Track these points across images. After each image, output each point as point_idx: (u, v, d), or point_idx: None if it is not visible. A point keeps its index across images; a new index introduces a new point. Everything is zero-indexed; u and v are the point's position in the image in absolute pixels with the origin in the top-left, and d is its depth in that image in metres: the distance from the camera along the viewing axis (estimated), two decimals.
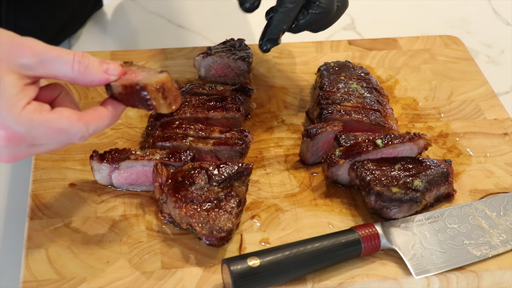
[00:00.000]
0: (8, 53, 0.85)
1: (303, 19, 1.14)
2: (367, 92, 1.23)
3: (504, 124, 1.24)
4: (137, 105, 0.93)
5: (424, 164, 1.09)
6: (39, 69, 0.86)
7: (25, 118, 0.85)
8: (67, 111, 0.88)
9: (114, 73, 0.92)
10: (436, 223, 1.04)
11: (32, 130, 0.86)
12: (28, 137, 0.86)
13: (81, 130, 0.88)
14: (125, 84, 0.92)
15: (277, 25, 1.14)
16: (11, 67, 0.85)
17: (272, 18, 1.14)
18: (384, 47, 1.42)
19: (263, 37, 1.15)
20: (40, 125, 0.86)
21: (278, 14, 1.13)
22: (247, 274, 0.93)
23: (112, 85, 0.93)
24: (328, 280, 0.98)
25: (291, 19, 1.14)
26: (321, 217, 1.07)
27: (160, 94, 0.91)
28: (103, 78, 0.91)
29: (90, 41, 1.53)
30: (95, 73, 0.90)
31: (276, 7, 1.13)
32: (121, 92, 0.92)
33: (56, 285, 0.96)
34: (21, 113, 0.85)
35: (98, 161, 1.07)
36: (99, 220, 1.04)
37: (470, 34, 1.61)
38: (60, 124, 0.87)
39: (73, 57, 0.88)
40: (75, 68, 0.88)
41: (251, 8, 1.14)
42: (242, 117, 1.17)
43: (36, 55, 0.86)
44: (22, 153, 0.89)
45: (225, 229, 0.98)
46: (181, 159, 1.06)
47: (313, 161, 1.15)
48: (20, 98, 0.85)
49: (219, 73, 1.28)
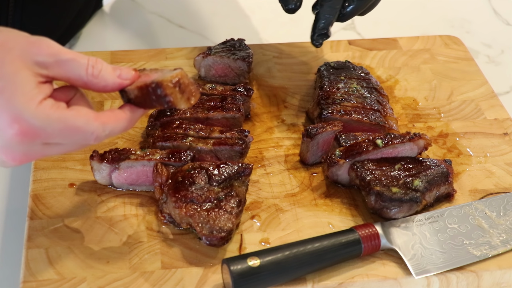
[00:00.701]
0: (24, 50, 0.84)
1: (350, 7, 1.16)
2: (367, 92, 1.23)
3: (504, 124, 1.24)
4: (155, 104, 0.91)
5: (424, 164, 1.09)
6: (54, 69, 0.86)
7: (41, 113, 0.83)
8: (84, 110, 0.87)
9: (127, 77, 0.91)
10: (436, 223, 1.04)
11: (48, 126, 0.83)
12: (44, 133, 0.84)
13: (97, 130, 0.87)
14: (140, 86, 0.90)
15: (325, 19, 1.16)
16: (27, 64, 0.84)
17: (319, 13, 1.16)
18: (384, 47, 1.42)
19: (314, 33, 1.17)
20: (56, 121, 0.84)
21: (324, 9, 1.15)
22: (247, 274, 0.93)
23: (127, 90, 0.91)
24: (328, 280, 0.98)
25: (337, 10, 1.15)
26: (321, 217, 1.07)
27: (177, 89, 0.89)
28: (117, 82, 0.90)
29: (90, 41, 1.52)
30: (109, 78, 0.89)
31: (321, 1, 1.15)
32: (137, 95, 0.91)
33: (56, 285, 0.96)
34: (37, 107, 0.83)
35: (98, 161, 1.07)
36: (99, 220, 1.04)
37: (470, 34, 1.61)
38: (76, 122, 0.85)
39: (88, 61, 0.87)
40: (89, 71, 0.87)
41: (295, 8, 1.15)
42: (242, 117, 1.17)
43: (52, 54, 0.85)
44: (35, 152, 0.86)
45: (225, 229, 0.98)
46: (181, 159, 1.06)
47: (313, 161, 1.15)
48: (36, 93, 0.84)
49: (219, 73, 1.28)
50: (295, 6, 1.15)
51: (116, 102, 1.23)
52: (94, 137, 0.87)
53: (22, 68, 0.83)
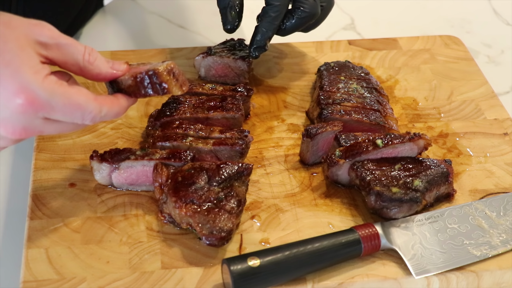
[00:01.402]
0: (27, 29, 0.88)
1: (289, 23, 1.21)
2: (367, 92, 1.23)
3: (504, 124, 1.24)
4: (149, 92, 0.96)
5: (424, 164, 1.09)
6: (54, 51, 0.89)
7: (48, 86, 0.86)
8: (84, 89, 0.91)
9: (119, 69, 0.96)
10: (436, 223, 1.04)
11: (52, 99, 0.86)
12: (48, 106, 0.86)
13: (95, 109, 0.90)
14: (135, 74, 0.95)
15: (263, 33, 1.21)
16: (30, 43, 0.87)
17: (258, 27, 1.21)
18: (384, 47, 1.42)
19: (252, 45, 1.22)
20: (60, 95, 0.87)
21: (263, 24, 1.20)
22: (247, 274, 0.93)
23: (120, 80, 0.96)
24: (328, 280, 0.98)
25: (276, 26, 1.20)
26: (321, 217, 1.07)
27: (171, 76, 0.96)
28: (109, 72, 0.95)
29: (90, 41, 1.52)
30: (102, 67, 0.94)
31: (261, 16, 1.20)
32: (130, 85, 0.96)
33: (56, 285, 0.96)
34: (44, 80, 0.86)
35: (98, 161, 1.07)
36: (99, 220, 1.04)
37: (470, 34, 1.61)
38: (78, 99, 0.88)
39: (85, 48, 0.92)
40: (85, 58, 0.92)
41: (232, 29, 1.22)
42: (242, 117, 1.17)
43: (53, 37, 0.89)
44: (34, 127, 0.88)
45: (225, 229, 0.98)
46: (181, 159, 1.06)
47: (313, 161, 1.15)
48: (41, 68, 0.87)
49: (219, 73, 1.28)
50: (231, 26, 1.22)
51: None
52: (92, 116, 0.90)
53: (27, 45, 0.87)
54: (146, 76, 0.95)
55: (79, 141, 1.17)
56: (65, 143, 1.16)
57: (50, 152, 1.14)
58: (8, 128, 0.87)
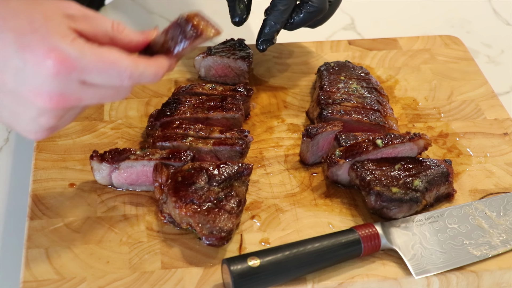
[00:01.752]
0: (54, 4, 0.86)
1: (297, 17, 1.21)
2: (367, 92, 1.23)
3: (504, 124, 1.24)
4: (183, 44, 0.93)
5: (424, 164, 1.09)
6: (82, 22, 0.87)
7: (77, 45, 0.84)
8: (115, 48, 0.87)
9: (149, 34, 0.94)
10: (436, 223, 1.04)
11: (83, 57, 0.83)
12: (79, 65, 0.83)
13: (130, 66, 0.86)
14: (167, 29, 0.93)
15: (271, 26, 1.21)
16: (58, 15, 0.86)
17: (266, 20, 1.21)
18: (384, 47, 1.42)
19: (259, 38, 1.22)
20: (91, 53, 0.84)
21: (271, 17, 1.20)
22: (247, 274, 0.93)
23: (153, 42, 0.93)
24: (328, 280, 0.98)
25: (284, 20, 1.21)
26: (321, 217, 1.07)
27: (202, 20, 0.94)
28: (141, 38, 0.92)
29: None
30: (133, 35, 0.91)
31: (270, 9, 1.20)
32: (164, 41, 0.93)
33: (56, 285, 0.96)
34: (73, 41, 0.84)
35: (98, 161, 1.07)
36: (99, 220, 1.04)
37: (470, 34, 1.61)
38: (110, 56, 0.85)
39: (112, 20, 0.90)
40: (114, 27, 0.89)
41: (240, 21, 1.22)
42: (242, 117, 1.17)
43: (80, 10, 0.88)
44: (72, 92, 0.84)
45: (225, 229, 0.98)
46: (181, 159, 1.06)
47: (313, 161, 1.15)
48: (70, 33, 0.84)
49: (219, 73, 1.28)
50: (240, 19, 1.22)
51: (115, 103, 1.23)
52: (128, 74, 0.86)
53: (55, 16, 0.85)
54: (176, 26, 0.93)
55: (79, 141, 1.17)
56: (65, 143, 1.16)
57: (50, 152, 1.14)
58: (44, 97, 0.83)
